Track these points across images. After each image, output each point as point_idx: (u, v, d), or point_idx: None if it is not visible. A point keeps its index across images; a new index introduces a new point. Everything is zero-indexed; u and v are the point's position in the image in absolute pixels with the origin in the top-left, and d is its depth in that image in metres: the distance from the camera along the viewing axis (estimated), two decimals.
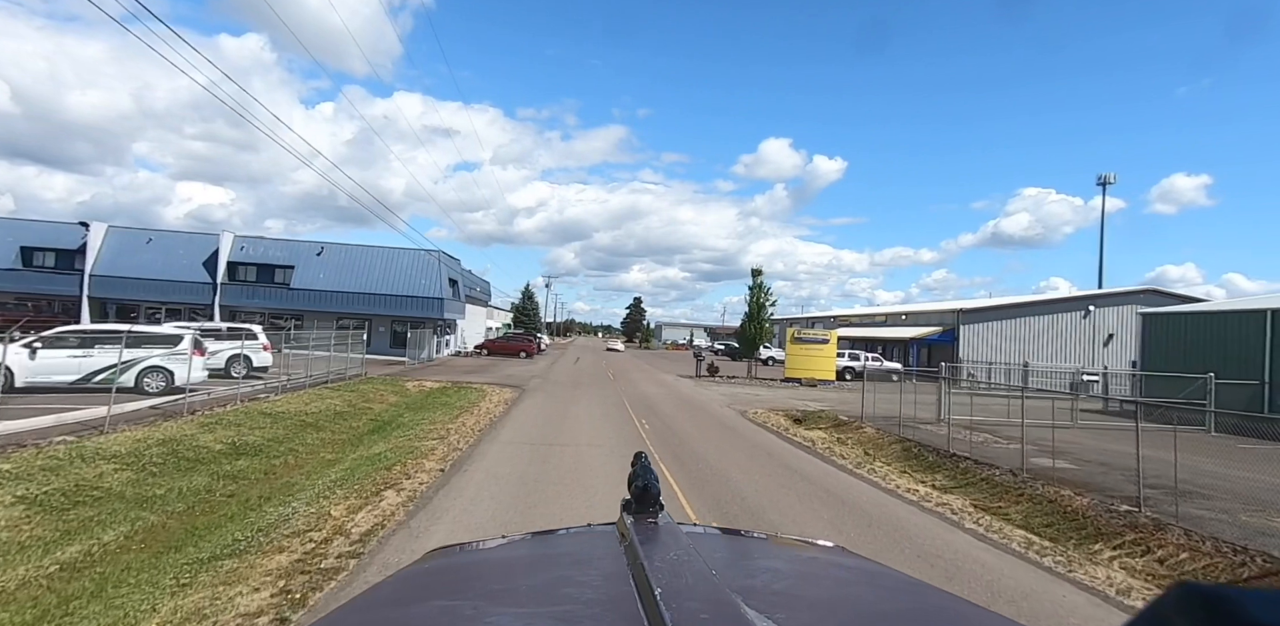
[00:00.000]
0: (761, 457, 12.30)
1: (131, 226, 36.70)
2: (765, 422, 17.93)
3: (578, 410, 17.88)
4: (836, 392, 29.18)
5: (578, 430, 14.25)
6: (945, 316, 38.88)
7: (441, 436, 12.75)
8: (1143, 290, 37.58)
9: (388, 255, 35.77)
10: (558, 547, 1.58)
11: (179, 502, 8.28)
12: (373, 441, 13.06)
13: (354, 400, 18.28)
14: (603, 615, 0.97)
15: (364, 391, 20.16)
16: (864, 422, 18.32)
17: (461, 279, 41.53)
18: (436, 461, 10.21)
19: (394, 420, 15.87)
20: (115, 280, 33.72)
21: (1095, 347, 36.89)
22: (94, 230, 34.01)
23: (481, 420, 15.33)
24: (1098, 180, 60.76)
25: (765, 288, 34.23)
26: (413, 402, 19.31)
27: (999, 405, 18.77)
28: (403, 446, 11.70)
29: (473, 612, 1.06)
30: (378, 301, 35.17)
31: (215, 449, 10.86)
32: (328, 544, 6.14)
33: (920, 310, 44.04)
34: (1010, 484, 11.72)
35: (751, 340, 34.26)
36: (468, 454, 11.01)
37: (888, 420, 18.05)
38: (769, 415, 19.75)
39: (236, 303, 34.65)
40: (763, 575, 1.30)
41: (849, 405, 23.24)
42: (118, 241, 34.64)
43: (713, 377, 33.74)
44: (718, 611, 0.86)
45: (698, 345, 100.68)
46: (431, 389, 22.57)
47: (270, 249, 35.55)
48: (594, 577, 1.18)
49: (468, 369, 31.32)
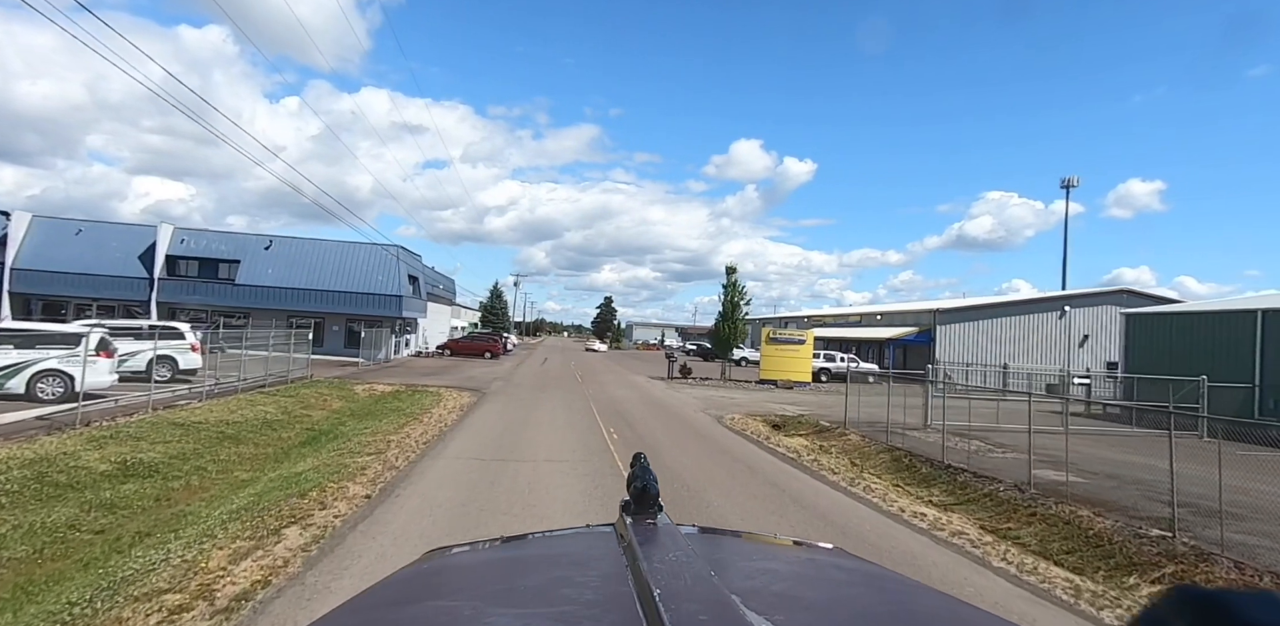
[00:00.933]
0: (743, 474, 10.94)
1: (58, 216, 33.97)
2: (744, 430, 16.62)
3: (540, 417, 16.34)
4: (814, 395, 28.09)
5: (537, 441, 12.73)
6: (922, 316, 38.16)
7: (379, 451, 11.13)
8: (1118, 290, 37.32)
9: (343, 250, 33.68)
10: (556, 548, 1.57)
11: (23, 544, 6.58)
12: (301, 456, 11.39)
13: (291, 406, 16.49)
14: (602, 616, 0.97)
15: (305, 396, 18.34)
16: (847, 429, 17.14)
17: (423, 276, 39.57)
18: (364, 485, 8.62)
19: (332, 430, 14.17)
20: (40, 274, 31.04)
21: (1071, 348, 36.50)
22: (15, 220, 31.28)
23: (430, 430, 13.72)
24: (1061, 183, 61.32)
25: (740, 286, 33.05)
26: (359, 409, 17.57)
27: (987, 409, 17.74)
28: (331, 464, 10.07)
29: (471, 613, 1.05)
30: (332, 299, 33.09)
31: (99, 470, 9.10)
32: (178, 617, 4.56)
33: (896, 310, 43.35)
34: (1017, 501, 10.55)
35: (726, 340, 33.04)
36: (405, 473, 9.42)
37: (872, 426, 16.91)
38: (747, 421, 18.45)
39: (176, 299, 32.23)
40: (761, 576, 1.28)
41: (829, 409, 22.11)
42: (43, 233, 31.94)
43: (685, 379, 32.45)
44: (717, 612, 0.86)
45: (669, 345, 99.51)
46: (383, 393, 20.81)
47: (214, 242, 33.18)
48: (593, 578, 1.16)
49: (427, 370, 29.50)
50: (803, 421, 19.29)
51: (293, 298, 32.70)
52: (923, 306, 40.85)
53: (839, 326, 47.96)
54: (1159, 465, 10.91)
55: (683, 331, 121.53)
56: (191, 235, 33.24)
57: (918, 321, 38.26)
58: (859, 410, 17.09)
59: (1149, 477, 11.60)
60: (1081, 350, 36.63)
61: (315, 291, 32.91)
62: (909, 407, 16.64)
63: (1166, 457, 9.23)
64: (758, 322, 54.48)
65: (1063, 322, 36.60)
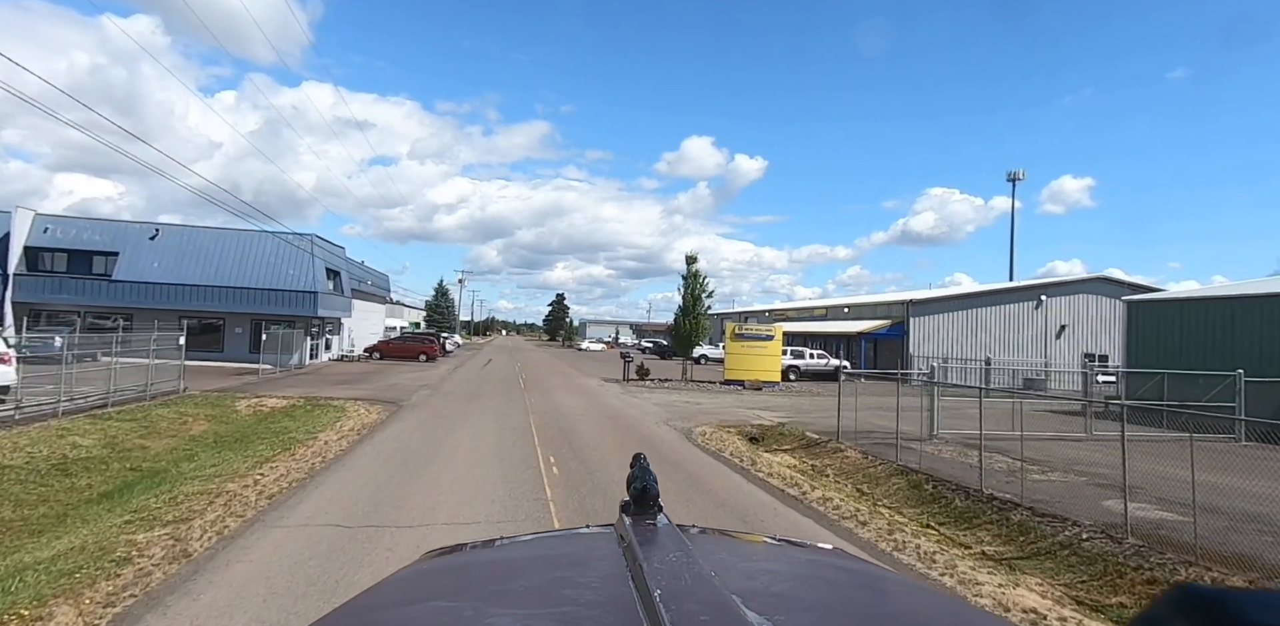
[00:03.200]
0: (731, 525, 7.63)
1: None
2: (720, 450, 13.36)
3: (460, 441, 12.72)
4: (786, 397, 25.12)
5: (443, 485, 9.15)
6: (893, 308, 35.78)
7: (197, 512, 7.42)
8: (1095, 278, 35.58)
9: (246, 240, 29.10)
10: (556, 549, 1.56)
11: None
12: (76, 523, 7.58)
13: (126, 435, 12.47)
14: (602, 616, 0.96)
15: (159, 419, 14.27)
16: (840, 442, 14.08)
17: (346, 270, 35.15)
18: (94, 601, 4.94)
19: (166, 470, 10.29)
20: None
21: (1048, 339, 34.65)
22: None
23: (301, 467, 10.00)
24: (1007, 177, 61.43)
25: (701, 277, 29.89)
26: (229, 434, 13.63)
27: (992, 412, 14.94)
28: (92, 545, 6.34)
29: (471, 614, 1.03)
30: (233, 296, 28.55)
31: None
32: None
33: (864, 302, 40.98)
34: (1113, 556, 7.52)
35: (687, 338, 29.86)
36: (199, 565, 5.78)
37: (868, 437, 13.92)
38: (721, 435, 15.22)
39: (39, 299, 27.16)
40: (762, 577, 1.28)
41: (809, 415, 19.08)
42: None
43: (643, 381, 29.14)
44: (717, 613, 0.86)
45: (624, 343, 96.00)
46: (272, 409, 16.82)
47: (85, 231, 28.16)
48: (593, 579, 1.15)
49: (343, 378, 25.40)
50: (784, 433, 16.19)
51: (185, 295, 28.05)
52: (894, 298, 38.54)
53: (803, 321, 45.42)
54: (1253, 488, 8.15)
55: (638, 329, 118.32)
56: (58, 223, 28.15)
57: (889, 314, 35.86)
58: (856, 418, 14.06)
59: (1263, 510, 8.60)
60: (1059, 341, 34.83)
61: (213, 288, 28.32)
62: (904, 412, 13.65)
63: (1250, 475, 7.82)
64: (716, 318, 51.62)
65: (1039, 313, 34.69)
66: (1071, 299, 34.95)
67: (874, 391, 15.94)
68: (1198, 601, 0.51)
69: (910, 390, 17.43)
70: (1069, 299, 34.98)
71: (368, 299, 43.25)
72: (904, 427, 12.90)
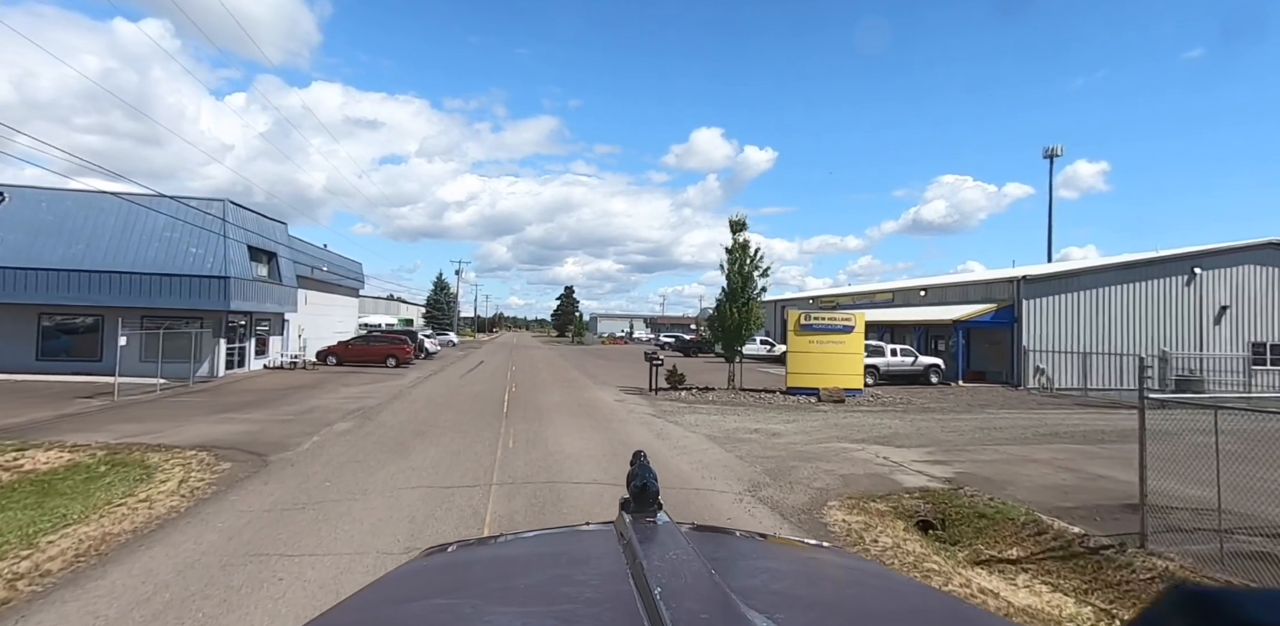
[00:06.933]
0: None
1: None
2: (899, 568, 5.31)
3: (280, 593, 4.83)
4: (889, 415, 17.09)
5: None
6: (995, 289, 27.59)
7: None
8: (1260, 244, 27.18)
9: (129, 211, 21.24)
10: (556, 546, 1.51)
11: None
12: None
13: None
14: (602, 614, 0.95)
15: None
16: (1146, 543, 6.08)
17: (286, 252, 27.29)
18: None
19: None
20: None
21: (1205, 325, 26.39)
22: None
23: None
24: (1044, 153, 57.57)
25: (754, 250, 21.84)
26: None
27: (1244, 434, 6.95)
28: None
29: (472, 611, 1.02)
30: (113, 284, 20.82)
31: None
32: None
33: (950, 282, 32.73)
34: None
35: (735, 330, 21.83)
36: None
37: (1130, 511, 6.00)
38: (867, 522, 7.27)
39: None
40: (762, 575, 1.26)
41: (963, 453, 11.07)
42: None
43: (676, 390, 21.23)
44: (717, 610, 0.84)
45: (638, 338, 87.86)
46: (20, 478, 9.03)
47: None
48: (593, 576, 1.14)
49: (248, 399, 17.62)
50: (961, 504, 8.22)
51: (42, 283, 20.33)
52: (996, 275, 30.25)
53: (862, 308, 37.23)
54: None
55: (652, 322, 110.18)
56: None
57: (989, 295, 27.68)
58: (1170, 478, 6.10)
59: None
60: (1217, 327, 26.57)
61: (83, 273, 20.57)
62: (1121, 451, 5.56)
63: None
64: None
65: (1191, 290, 26.42)
66: (1233, 271, 26.67)
67: (984, 401, 7.87)
68: (1197, 601, 0.50)
69: (1043, 400, 9.41)
70: (1229, 271, 26.68)
71: (329, 290, 35.46)
72: (1163, 485, 4.99)
